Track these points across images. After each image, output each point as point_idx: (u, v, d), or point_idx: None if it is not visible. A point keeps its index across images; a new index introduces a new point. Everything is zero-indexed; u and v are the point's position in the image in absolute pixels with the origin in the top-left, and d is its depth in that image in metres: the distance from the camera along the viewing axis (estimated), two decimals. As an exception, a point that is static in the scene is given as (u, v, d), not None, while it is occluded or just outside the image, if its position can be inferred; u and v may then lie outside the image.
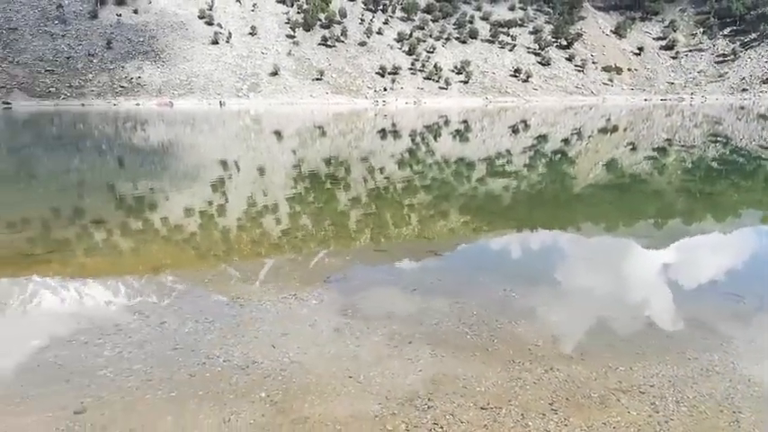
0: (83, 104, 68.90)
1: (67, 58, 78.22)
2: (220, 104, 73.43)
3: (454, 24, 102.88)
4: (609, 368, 4.61)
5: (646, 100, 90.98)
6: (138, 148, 25.07)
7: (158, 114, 53.58)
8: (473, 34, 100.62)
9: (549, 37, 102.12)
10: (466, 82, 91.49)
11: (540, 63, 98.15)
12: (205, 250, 8.37)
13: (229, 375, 4.46)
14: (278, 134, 32.54)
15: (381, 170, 17.34)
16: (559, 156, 21.62)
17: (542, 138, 29.41)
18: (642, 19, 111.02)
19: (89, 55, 79.32)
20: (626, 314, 5.90)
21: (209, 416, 3.91)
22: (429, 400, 4.10)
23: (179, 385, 4.31)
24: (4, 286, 6.73)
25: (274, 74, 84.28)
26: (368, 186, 14.33)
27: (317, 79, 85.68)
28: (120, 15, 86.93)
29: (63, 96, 72.10)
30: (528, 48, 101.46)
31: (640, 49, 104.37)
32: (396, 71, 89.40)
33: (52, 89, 72.95)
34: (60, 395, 4.17)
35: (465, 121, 43.53)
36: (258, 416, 3.90)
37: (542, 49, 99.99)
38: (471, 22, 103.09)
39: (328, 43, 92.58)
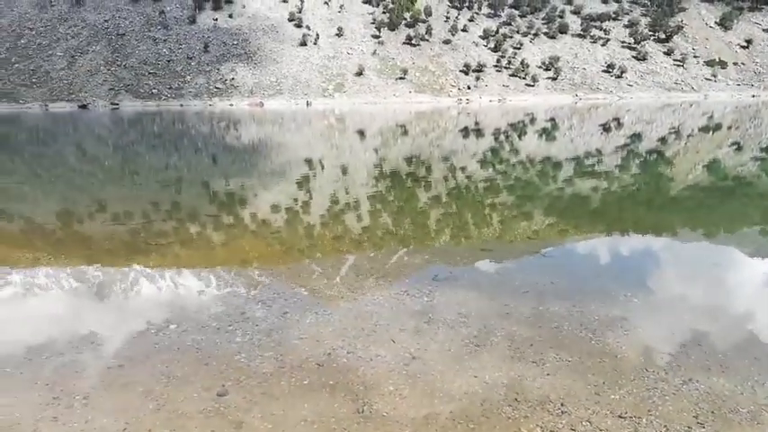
0: (181, 105, 73.38)
1: (168, 61, 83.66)
2: (307, 104, 75.68)
3: (543, 19, 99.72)
4: (756, 382, 4.27)
5: (754, 96, 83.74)
6: (230, 146, 26.35)
7: (250, 114, 56.05)
8: (563, 29, 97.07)
9: (646, 30, 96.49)
10: (554, 78, 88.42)
11: (635, 58, 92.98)
12: (310, 244, 8.64)
13: (356, 367, 4.57)
14: (361, 133, 33.04)
15: (463, 168, 17.15)
16: (655, 156, 20.39)
17: (636, 136, 27.86)
18: (751, 9, 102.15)
19: (188, 58, 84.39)
20: (763, 326, 5.48)
21: (342, 405, 4.02)
22: (562, 405, 3.99)
23: (309, 374, 4.47)
24: (110, 274, 7.29)
25: (359, 74, 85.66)
26: (458, 185, 14.21)
27: (401, 78, 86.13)
28: (217, 20, 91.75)
29: (164, 97, 77.18)
30: (622, 42, 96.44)
31: (748, 41, 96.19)
32: (480, 68, 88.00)
33: (155, 90, 78.30)
34: (203, 378, 4.43)
35: (552, 119, 42.12)
36: (390, 409, 3.97)
37: (638, 43, 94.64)
38: (561, 17, 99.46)
39: (413, 42, 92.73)
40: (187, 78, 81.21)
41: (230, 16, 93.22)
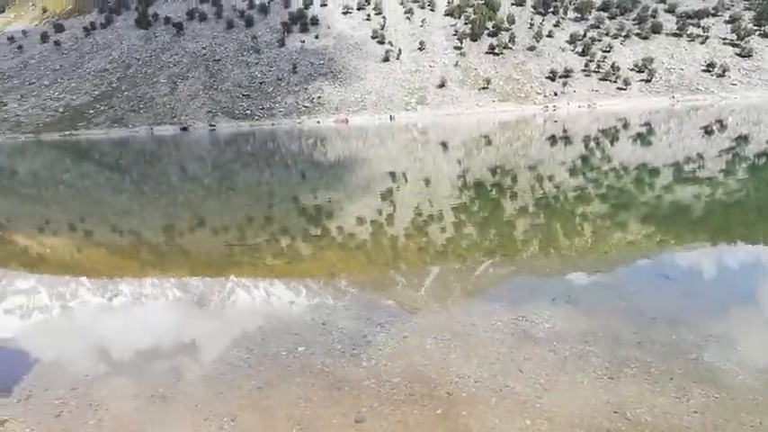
0: (273, 124, 76.84)
1: (260, 83, 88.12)
2: (390, 118, 76.71)
3: (634, 20, 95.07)
4: None
5: None
6: (317, 162, 27.23)
7: (336, 130, 57.65)
8: (656, 29, 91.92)
9: (751, 25, 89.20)
10: (648, 81, 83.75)
11: (738, 55, 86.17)
12: (390, 258, 8.76)
13: (487, 397, 4.37)
14: (444, 145, 32.99)
15: (551, 177, 16.62)
16: (765, 159, 18.75)
17: (743, 139, 25.75)
18: None
19: (278, 79, 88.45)
20: None
21: (481, 437, 3.90)
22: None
23: (441, 403, 4.33)
24: (208, 284, 7.75)
25: (441, 86, 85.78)
26: (546, 195, 13.83)
27: (484, 88, 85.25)
28: (304, 42, 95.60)
29: (257, 117, 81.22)
30: (723, 39, 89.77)
31: None
32: (567, 74, 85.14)
33: (248, 111, 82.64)
34: (338, 403, 4.40)
35: (647, 124, 39.90)
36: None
37: (742, 39, 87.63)
38: (654, 16, 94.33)
39: (495, 51, 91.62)
40: (277, 99, 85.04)
41: (316, 37, 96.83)
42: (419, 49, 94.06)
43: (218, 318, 6.67)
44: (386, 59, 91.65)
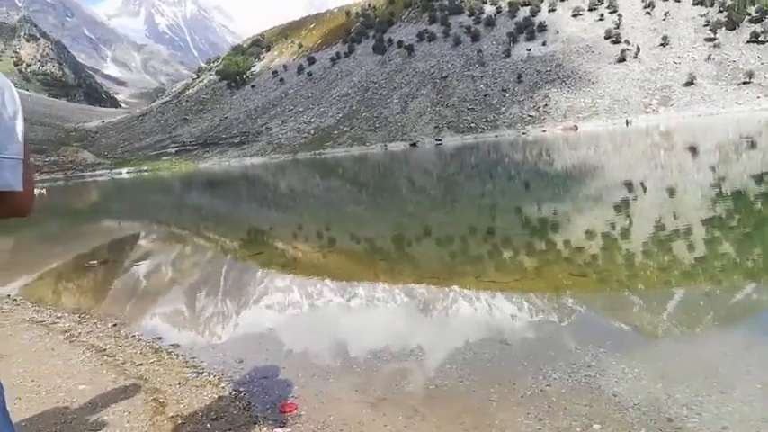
0: (496, 135, 77.04)
1: (484, 95, 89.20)
2: (626, 123, 70.67)
3: None
4: None
5: None
6: (542, 172, 26.39)
7: (563, 139, 55.30)
8: None
9: None
10: None
11: None
12: (610, 274, 8.08)
13: None
14: (692, 149, 29.10)
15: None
16: None
17: None
18: None
19: (502, 90, 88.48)
20: None
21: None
22: None
23: None
24: (432, 292, 8.02)
25: (689, 83, 76.22)
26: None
27: (745, 83, 73.25)
28: (530, 50, 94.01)
29: (480, 130, 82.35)
30: None
31: None
32: None
33: (472, 125, 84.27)
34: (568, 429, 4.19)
35: None
36: None
37: None
38: None
39: (760, 39, 78.11)
40: (501, 110, 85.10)
41: (543, 44, 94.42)
42: (661, 44, 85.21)
43: (440, 325, 6.84)
44: (621, 60, 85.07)
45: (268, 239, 14.94)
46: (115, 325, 6.97)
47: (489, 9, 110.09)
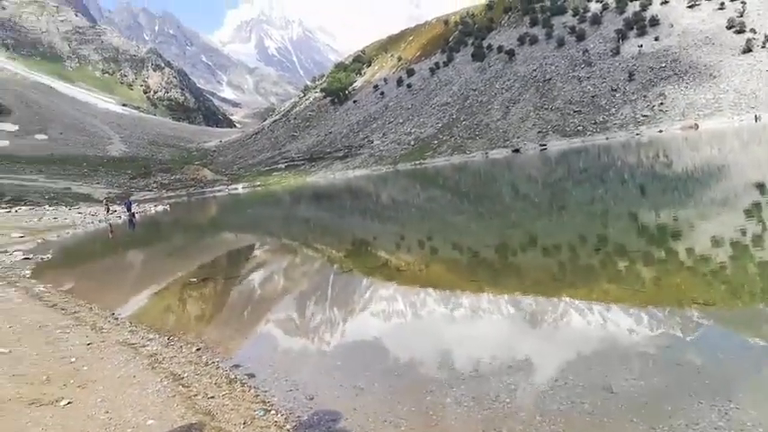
0: (606, 138, 73.06)
1: (592, 97, 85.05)
2: (755, 119, 64.10)
3: None
4: None
5: None
6: (660, 174, 24.57)
7: (682, 138, 51.31)
8: None
9: None
10: None
11: None
12: (739, 286, 7.28)
13: None
14: (839, 144, 25.75)
15: None
16: None
17: None
18: None
19: (612, 90, 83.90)
20: None
21: None
22: None
23: None
24: (540, 303, 7.67)
25: (834, 71, 67.75)
26: None
27: None
28: (642, 46, 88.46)
29: (588, 133, 78.51)
30: None
31: None
32: None
33: (579, 128, 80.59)
34: None
35: None
36: None
37: None
38: None
39: None
40: (611, 111, 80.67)
41: (656, 39, 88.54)
42: (794, 30, 76.53)
43: (549, 339, 6.52)
44: (746, 50, 77.60)
45: (370, 250, 15.15)
46: (198, 349, 7.05)
47: (595, 6, 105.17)
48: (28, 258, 17.83)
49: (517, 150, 79.10)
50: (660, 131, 69.32)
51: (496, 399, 4.87)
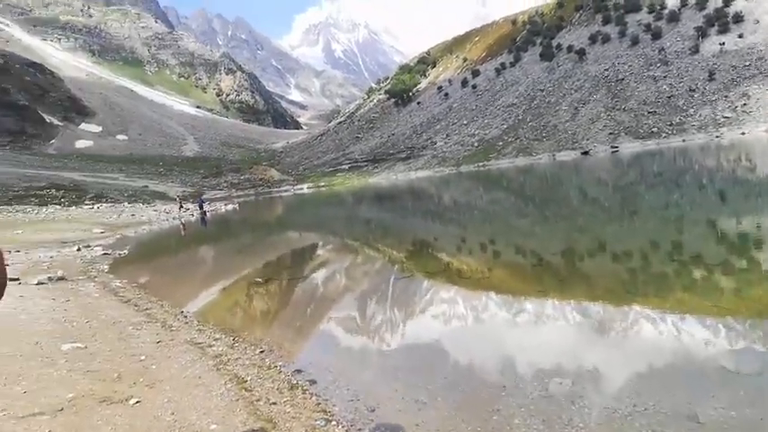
0: (683, 140, 69.40)
1: (668, 97, 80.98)
2: None
3: None
4: None
5: None
6: (742, 179, 23.10)
7: (767, 141, 47.99)
8: None
9: None
10: None
11: None
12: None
13: None
14: None
15: None
16: None
17: None
18: None
19: (690, 90, 79.61)
20: None
21: None
22: None
23: None
24: (609, 311, 7.40)
25: None
26: None
27: None
28: (724, 44, 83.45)
29: (664, 135, 74.81)
30: None
31: None
32: None
33: (654, 129, 76.93)
34: None
35: None
36: None
37: None
38: None
39: None
40: (689, 112, 76.53)
41: (740, 36, 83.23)
42: None
43: (618, 348, 6.28)
44: None
45: (431, 252, 15.09)
46: (263, 351, 7.02)
47: (673, 3, 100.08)
48: (107, 254, 18.95)
49: (586, 152, 76.45)
50: (743, 134, 65.10)
51: (569, 423, 4.53)
